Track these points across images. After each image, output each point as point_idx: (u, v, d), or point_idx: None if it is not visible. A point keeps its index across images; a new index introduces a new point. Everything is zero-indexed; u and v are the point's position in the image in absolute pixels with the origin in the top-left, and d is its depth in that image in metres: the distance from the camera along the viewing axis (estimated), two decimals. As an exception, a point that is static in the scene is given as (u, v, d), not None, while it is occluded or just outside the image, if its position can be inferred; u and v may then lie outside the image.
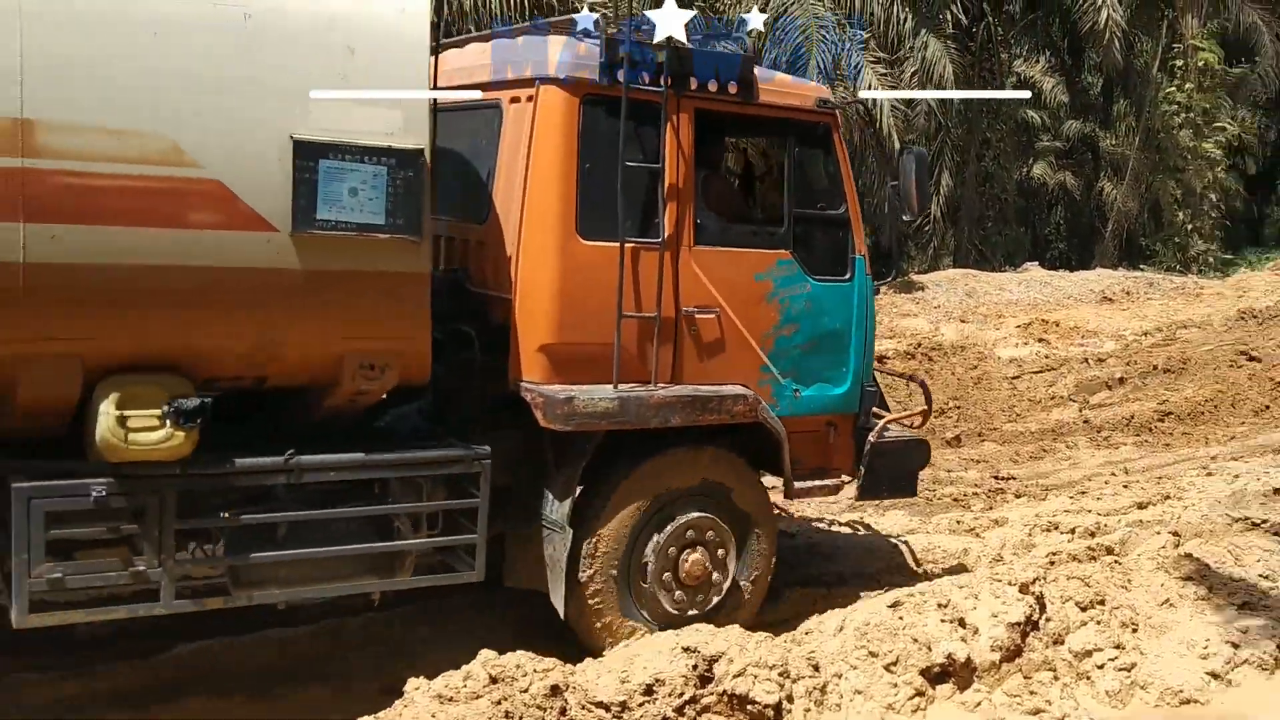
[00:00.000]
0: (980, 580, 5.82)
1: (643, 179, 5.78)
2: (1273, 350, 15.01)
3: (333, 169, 4.80)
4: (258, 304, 4.82)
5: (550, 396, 5.50)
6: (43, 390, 4.55)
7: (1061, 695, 5.14)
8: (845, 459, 6.68)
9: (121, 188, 4.49)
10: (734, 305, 6.07)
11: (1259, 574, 6.37)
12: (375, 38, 4.97)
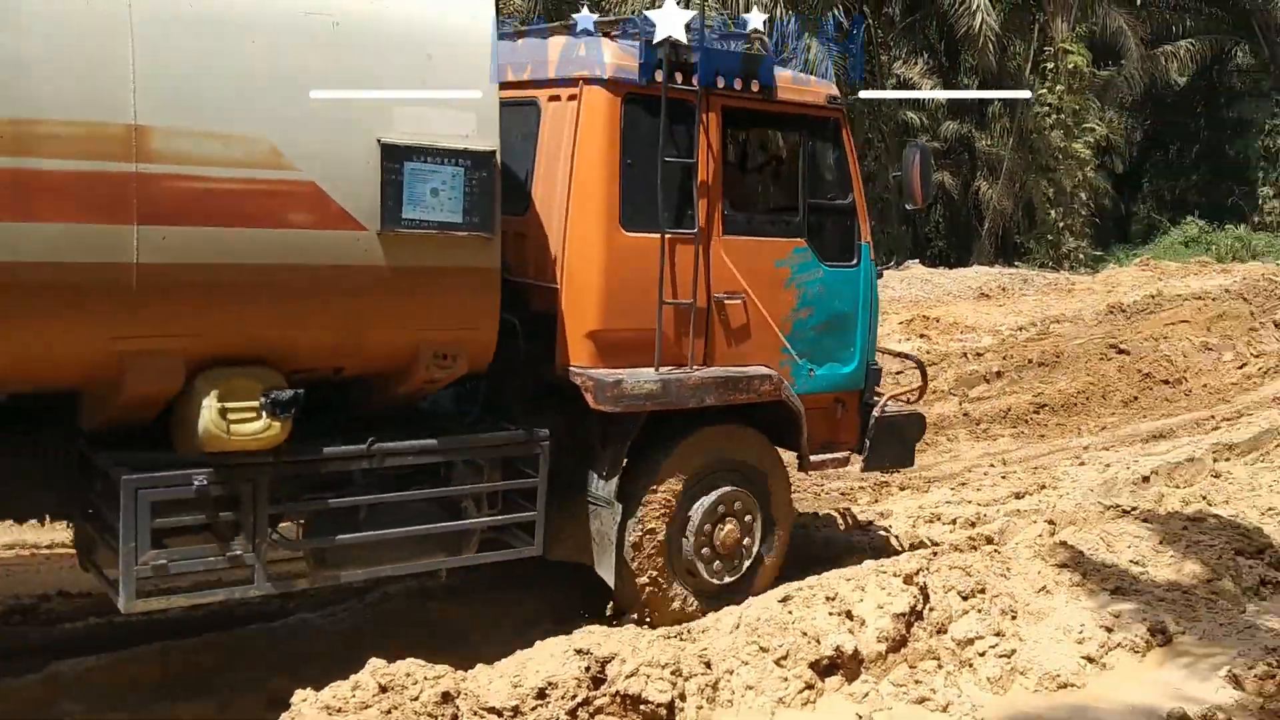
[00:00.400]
0: (867, 572, 5.91)
1: (678, 173, 6.11)
2: (1140, 343, 15.58)
3: (416, 170, 5.08)
4: (345, 299, 5.08)
5: (600, 380, 5.84)
6: (148, 384, 4.76)
7: (945, 683, 5.24)
8: (851, 434, 7.14)
9: (225, 190, 4.70)
10: (757, 291, 6.46)
11: (1130, 560, 6.61)
12: (449, 42, 5.23)
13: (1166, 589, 6.31)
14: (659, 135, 5.95)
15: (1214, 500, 8.27)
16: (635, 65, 5.90)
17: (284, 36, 4.81)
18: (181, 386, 4.81)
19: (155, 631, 5.93)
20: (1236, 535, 7.11)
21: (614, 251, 5.94)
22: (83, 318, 4.53)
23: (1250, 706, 4.91)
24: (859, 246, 6.99)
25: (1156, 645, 5.69)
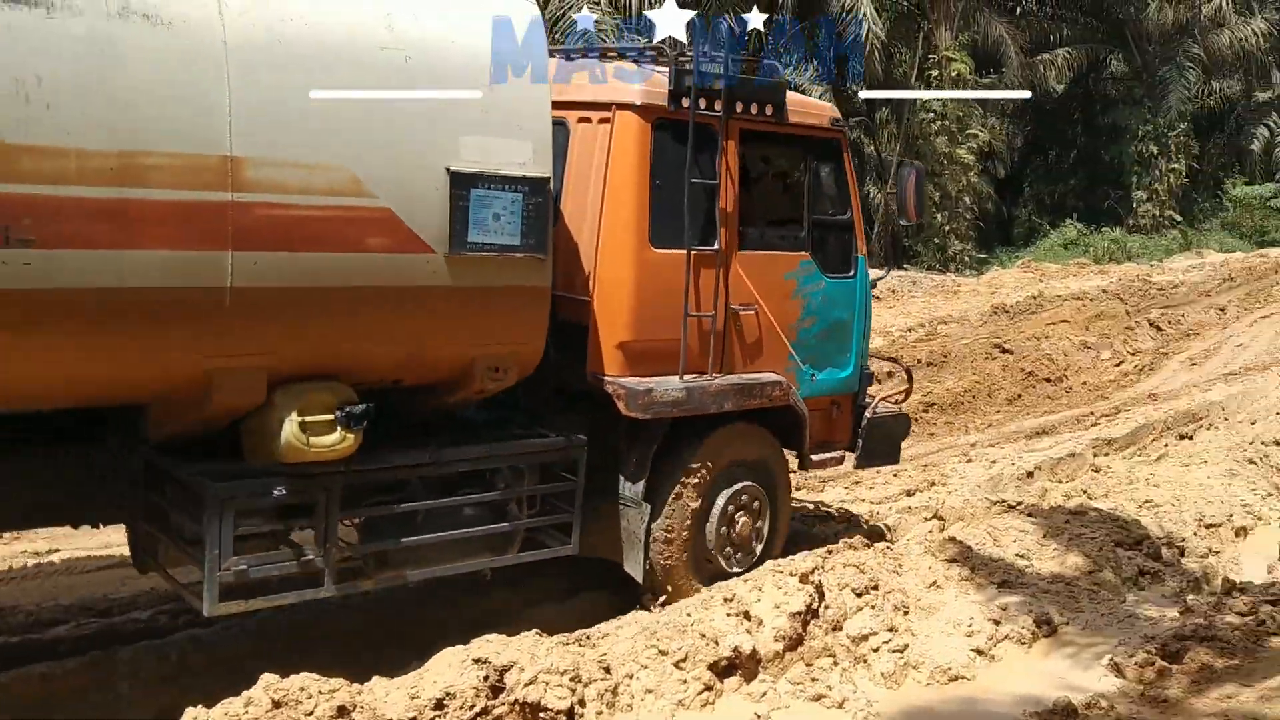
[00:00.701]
0: (764, 572, 5.97)
1: (702, 193, 6.47)
2: (1023, 343, 16.01)
3: (481, 196, 5.40)
4: (414, 317, 5.42)
5: (631, 389, 6.21)
6: (232, 399, 5.02)
7: (841, 680, 5.31)
8: (845, 433, 7.58)
9: (310, 217, 4.99)
10: (768, 302, 6.88)
11: (1015, 553, 6.79)
12: (509, 76, 5.52)
13: (1051, 581, 6.48)
14: (685, 158, 6.31)
15: (1094, 494, 8.55)
16: (665, 92, 6.25)
17: (362, 72, 5.10)
18: (262, 400, 5.07)
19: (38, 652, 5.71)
20: (1116, 528, 7.35)
21: (643, 267, 6.30)
22: (179, 338, 4.79)
23: (1131, 693, 5.06)
24: (856, 259, 7.45)
25: (1042, 636, 5.84)
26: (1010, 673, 5.53)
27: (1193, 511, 8.09)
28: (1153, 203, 29.04)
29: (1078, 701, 4.92)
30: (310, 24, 4.98)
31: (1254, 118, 30.15)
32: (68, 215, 4.40)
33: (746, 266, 6.72)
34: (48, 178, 4.35)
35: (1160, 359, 16.52)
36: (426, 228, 5.26)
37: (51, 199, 4.36)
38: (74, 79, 4.40)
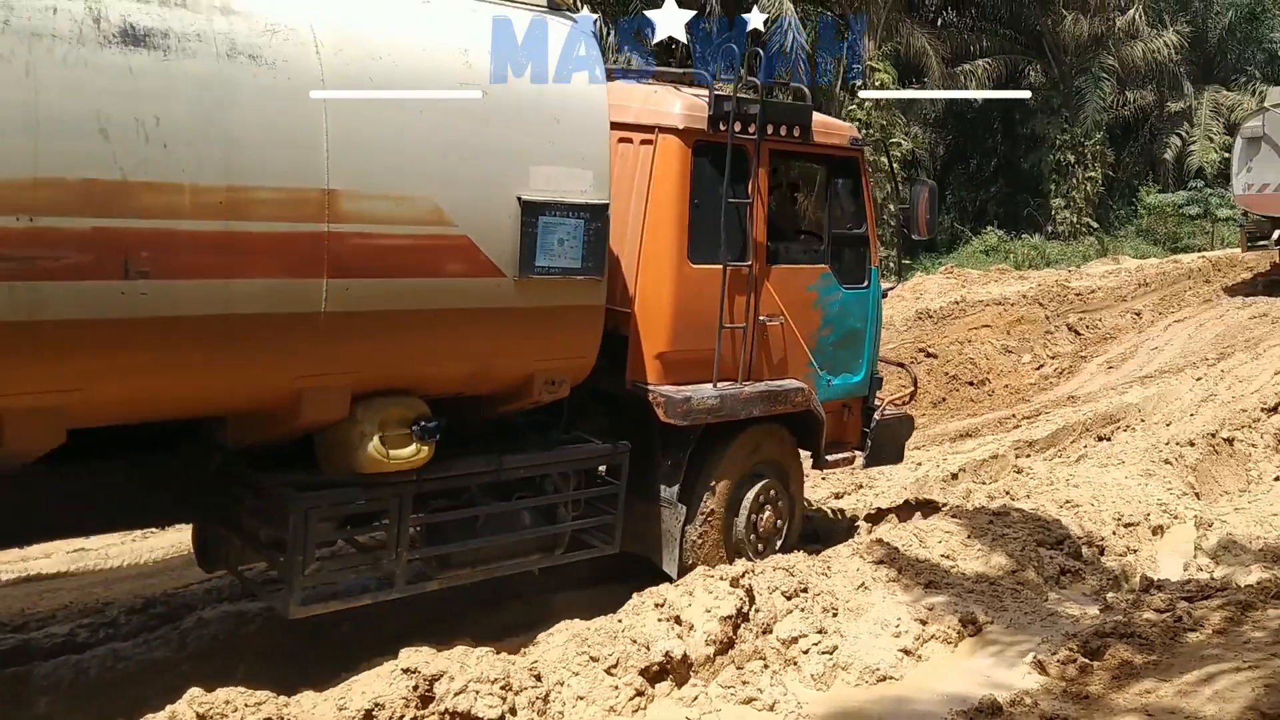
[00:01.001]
0: (695, 577, 5.97)
1: (737, 211, 6.81)
2: (946, 347, 16.25)
3: (548, 223, 5.70)
4: (484, 336, 5.73)
5: (670, 397, 6.58)
6: (319, 414, 5.31)
7: (771, 683, 5.32)
8: (854, 434, 8.01)
9: (397, 245, 5.25)
10: (791, 313, 7.25)
11: (941, 554, 6.87)
12: (571, 109, 5.86)
13: (976, 581, 6.57)
14: (723, 178, 6.65)
15: (1016, 495, 8.69)
16: (705, 116, 6.59)
17: (447, 110, 5.36)
18: (346, 415, 5.35)
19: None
20: (1038, 528, 7.47)
21: (682, 282, 6.64)
22: (275, 359, 5.05)
23: (1054, 690, 5.14)
24: (869, 270, 7.86)
25: (968, 635, 5.92)
26: (937, 672, 5.60)
27: (1111, 511, 8.26)
28: (1070, 210, 29.66)
29: (1003, 699, 4.99)
30: (397, 62, 5.24)
31: (1166, 127, 30.95)
32: (181, 248, 4.60)
33: (774, 280, 7.09)
34: (163, 213, 4.53)
35: (1079, 362, 16.89)
36: (499, 253, 5.57)
37: (166, 232, 4.55)
38: (188, 118, 4.58)
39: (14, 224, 4.20)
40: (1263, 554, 7.06)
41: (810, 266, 7.46)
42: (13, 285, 4.23)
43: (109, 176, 4.39)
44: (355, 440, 5.38)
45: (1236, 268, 21.83)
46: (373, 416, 5.39)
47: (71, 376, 4.53)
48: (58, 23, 4.30)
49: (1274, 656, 4.88)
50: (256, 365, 5.01)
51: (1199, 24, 30.74)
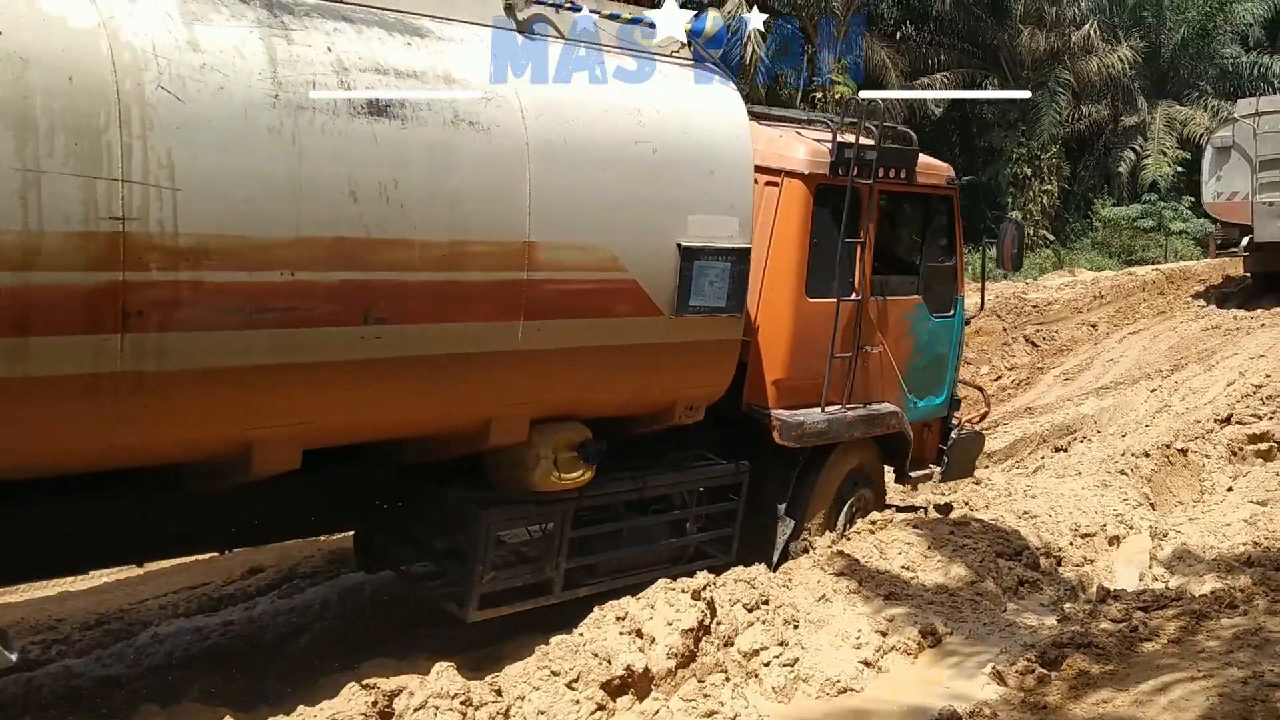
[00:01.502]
0: (657, 590, 5.97)
1: (851, 249, 7.37)
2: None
3: (701, 267, 6.24)
4: (641, 368, 6.34)
5: (785, 420, 7.19)
6: (504, 438, 5.87)
7: (733, 695, 5.32)
8: (932, 451, 8.66)
9: (579, 289, 5.83)
10: (889, 341, 7.82)
11: (901, 565, 6.91)
12: (724, 161, 6.37)
13: (935, 592, 6.61)
14: (839, 219, 7.18)
15: (975, 505, 8.76)
16: (827, 162, 7.12)
17: (623, 165, 5.90)
18: (524, 439, 5.93)
19: None
20: (997, 539, 7.54)
21: (800, 315, 7.21)
22: (476, 392, 5.66)
23: (1013, 701, 5.17)
24: (956, 299, 8.51)
25: (927, 647, 5.95)
26: (897, 683, 5.62)
27: (1069, 522, 8.35)
28: (1027, 222, 29.97)
29: (962, 710, 5.01)
30: (586, 124, 5.76)
31: (1121, 141, 31.30)
32: (410, 296, 5.13)
33: (878, 312, 7.69)
34: (397, 266, 5.06)
35: (1036, 374, 17.06)
36: (660, 294, 6.15)
37: (399, 283, 5.09)
38: (419, 180, 5.07)
39: (278, 278, 4.68)
40: (1216, 564, 7.14)
41: (907, 298, 8.03)
42: (274, 333, 4.73)
43: (356, 235, 4.89)
44: (531, 462, 6.00)
45: (1190, 280, 22.13)
46: (547, 440, 6.02)
47: (312, 410, 5.10)
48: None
49: (1228, 666, 4.94)
50: (461, 397, 5.63)
51: (1152, 40, 31.15)
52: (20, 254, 4.05)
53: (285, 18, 4.79)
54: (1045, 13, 29.58)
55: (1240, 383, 12.85)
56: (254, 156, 4.57)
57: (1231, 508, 8.71)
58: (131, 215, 4.25)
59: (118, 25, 4.30)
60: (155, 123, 4.30)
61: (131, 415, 4.53)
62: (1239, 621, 5.64)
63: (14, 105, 4.00)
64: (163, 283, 4.38)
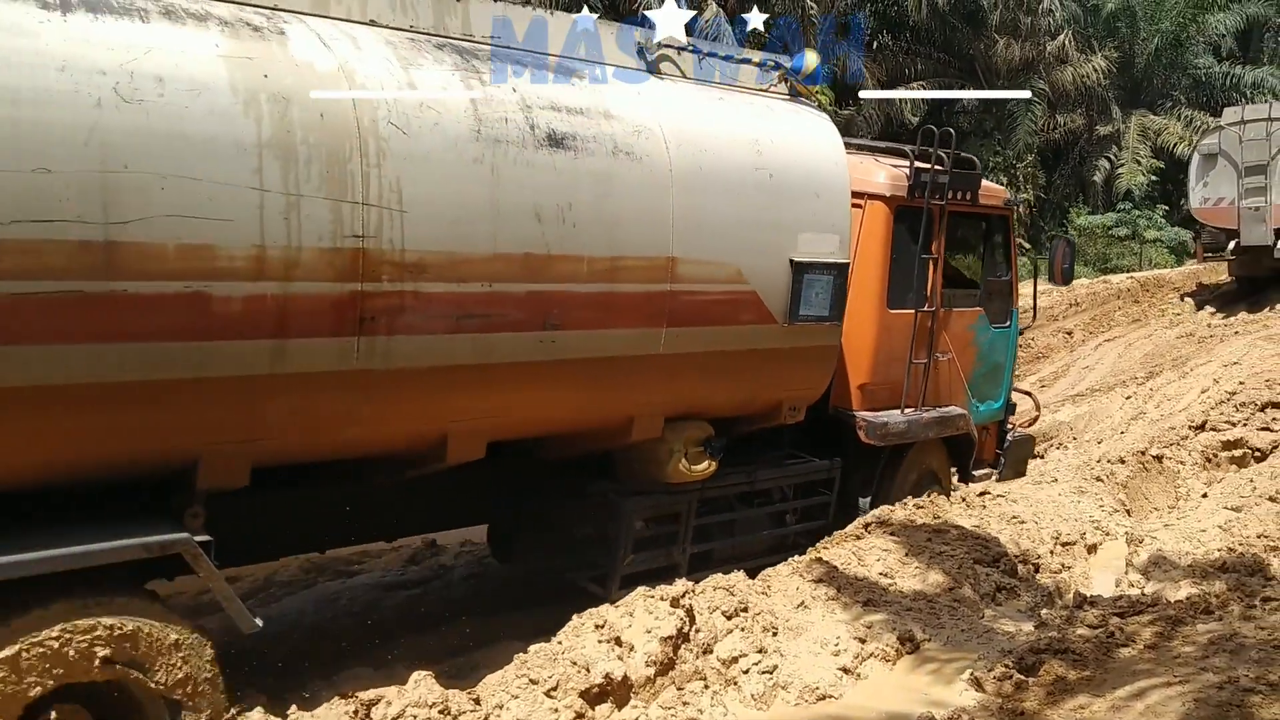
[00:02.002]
0: (636, 597, 5.96)
1: (925, 264, 8.19)
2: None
3: (809, 280, 6.95)
4: (757, 371, 7.04)
5: (871, 421, 8.00)
6: (643, 433, 6.59)
7: (712, 703, 5.34)
8: (990, 452, 9.54)
9: (710, 300, 6.54)
10: (957, 350, 8.66)
11: (879, 572, 6.94)
12: (827, 186, 7.10)
13: (913, 599, 6.64)
14: (915, 236, 8.05)
15: (953, 512, 8.75)
16: (905, 185, 7.99)
17: (745, 189, 6.60)
18: (659, 435, 6.66)
19: None
20: (975, 545, 7.56)
21: (882, 325, 8.02)
22: (625, 392, 6.38)
23: (991, 707, 5.18)
24: (1011, 311, 9.38)
25: (906, 653, 5.97)
26: (876, 690, 5.64)
27: (1050, 529, 8.40)
28: (1002, 230, 30.08)
29: (940, 716, 5.03)
30: (714, 153, 6.46)
31: (1096, 150, 31.62)
32: (578, 306, 5.85)
33: (948, 322, 8.51)
34: (569, 279, 5.76)
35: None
36: (775, 305, 6.84)
37: (569, 294, 5.79)
38: (587, 204, 5.78)
39: (478, 289, 5.39)
40: (1191, 570, 7.21)
41: (971, 309, 8.87)
42: (474, 337, 5.44)
43: (539, 251, 5.59)
44: (664, 456, 6.76)
45: (1164, 288, 22.32)
46: (678, 436, 6.76)
47: (498, 406, 5.81)
48: (509, 131, 5.45)
49: (1203, 671, 4.97)
50: (614, 395, 6.34)
51: (1126, 50, 31.50)
52: (283, 266, 4.68)
53: (474, 62, 5.57)
54: (1021, 23, 29.83)
55: (1214, 390, 12.99)
56: (461, 183, 5.28)
57: (1206, 514, 8.80)
58: (369, 234, 4.93)
59: (353, 69, 5.03)
60: (387, 153, 4.98)
61: (362, 409, 5.22)
62: (1214, 627, 5.68)
63: (281, 139, 4.66)
64: (390, 292, 5.05)
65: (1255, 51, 36.38)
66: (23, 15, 4.16)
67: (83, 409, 4.38)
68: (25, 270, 4.08)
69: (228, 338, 4.61)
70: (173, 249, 4.37)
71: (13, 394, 4.17)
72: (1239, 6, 32.93)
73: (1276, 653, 5.07)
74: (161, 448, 4.71)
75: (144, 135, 4.29)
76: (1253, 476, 9.88)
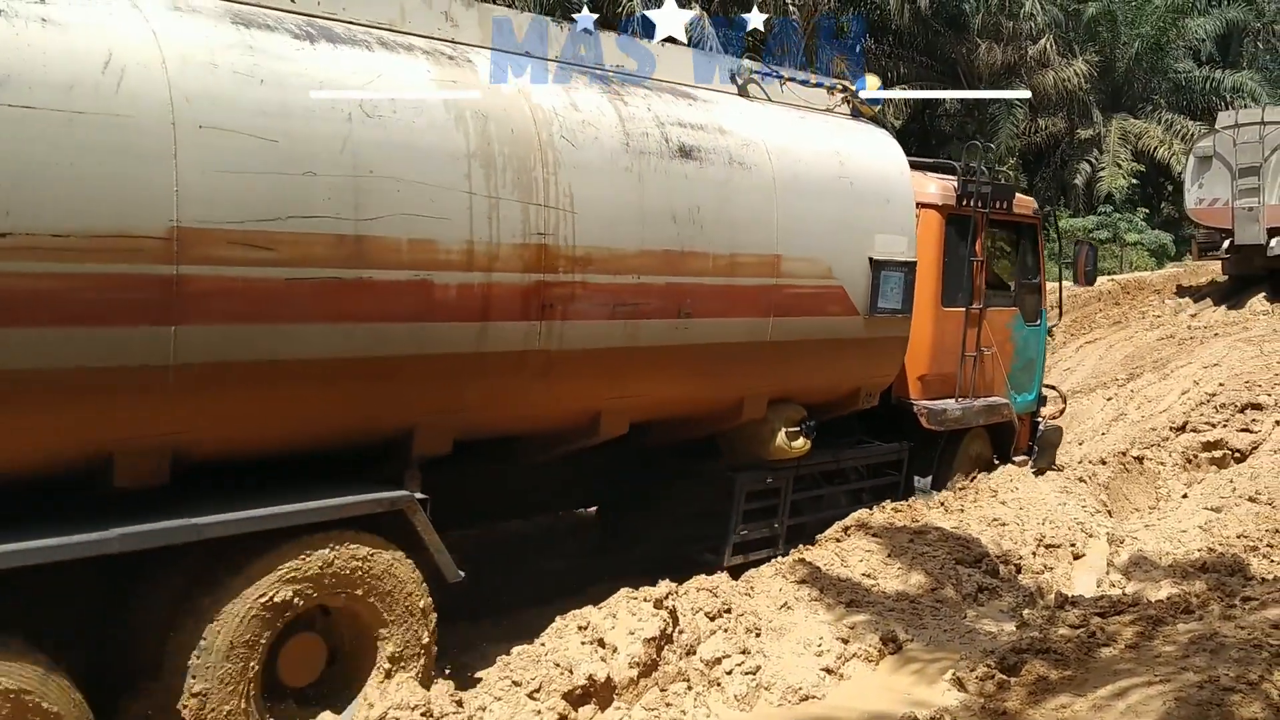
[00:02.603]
0: (619, 599, 5.97)
1: (971, 267, 9.25)
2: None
3: (885, 276, 7.83)
4: (843, 358, 7.92)
5: (931, 409, 9.06)
6: (751, 414, 7.39)
7: (695, 704, 5.38)
8: (1025, 441, 10.51)
9: (805, 294, 7.33)
10: (998, 344, 9.66)
11: (862, 573, 6.98)
12: (895, 193, 8.08)
13: (896, 599, 6.68)
14: (963, 241, 9.17)
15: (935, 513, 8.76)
16: (954, 195, 9.10)
17: (832, 195, 7.52)
18: (763, 416, 7.48)
19: None
20: (956, 546, 7.61)
21: (937, 321, 9.01)
22: (739, 375, 7.17)
23: (973, 706, 5.21)
24: (1041, 310, 10.43)
25: (888, 653, 6.02)
26: (859, 690, 5.68)
27: (1033, 531, 8.44)
28: (985, 233, 30.16)
29: (923, 716, 5.06)
30: (806, 164, 7.36)
31: (1077, 153, 31.85)
32: (704, 297, 6.64)
33: (990, 319, 9.50)
34: (699, 273, 6.58)
35: (994, 383, 17.11)
36: (858, 298, 7.70)
37: (698, 286, 6.60)
38: (711, 208, 6.60)
39: (630, 281, 6.19)
40: (1172, 570, 7.27)
41: (1008, 309, 9.95)
42: (625, 323, 6.24)
43: (674, 248, 6.42)
44: (767, 435, 7.56)
45: (1145, 290, 22.45)
46: (779, 417, 7.55)
47: (641, 386, 6.59)
48: (649, 144, 6.30)
49: (1184, 670, 5.01)
50: (729, 379, 7.15)
51: (1107, 54, 31.75)
52: (487, 259, 5.47)
53: (615, 86, 6.46)
54: (1003, 27, 30.03)
55: (1194, 391, 13.13)
56: (616, 189, 6.12)
57: (1186, 514, 8.91)
58: (549, 231, 5.73)
59: (528, 91, 5.90)
60: (561, 163, 5.82)
61: (539, 387, 5.97)
62: (1194, 627, 5.72)
63: (483, 149, 5.46)
64: (565, 283, 5.85)
65: (1235, 56, 36.73)
66: (282, 43, 4.91)
67: (335, 381, 5.09)
68: (296, 258, 4.77)
69: (444, 320, 5.39)
70: (405, 242, 5.14)
71: (285, 368, 4.87)
72: (1218, 11, 33.27)
73: (1256, 652, 5.12)
74: (390, 417, 5.46)
75: (384, 145, 5.07)
76: (1232, 477, 10.00)
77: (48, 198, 4.09)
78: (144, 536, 4.45)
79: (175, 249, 4.39)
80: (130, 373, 4.40)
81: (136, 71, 4.33)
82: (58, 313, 4.18)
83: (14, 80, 4.01)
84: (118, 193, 4.25)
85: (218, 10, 4.82)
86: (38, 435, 4.32)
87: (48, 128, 4.08)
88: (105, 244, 4.23)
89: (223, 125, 4.53)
